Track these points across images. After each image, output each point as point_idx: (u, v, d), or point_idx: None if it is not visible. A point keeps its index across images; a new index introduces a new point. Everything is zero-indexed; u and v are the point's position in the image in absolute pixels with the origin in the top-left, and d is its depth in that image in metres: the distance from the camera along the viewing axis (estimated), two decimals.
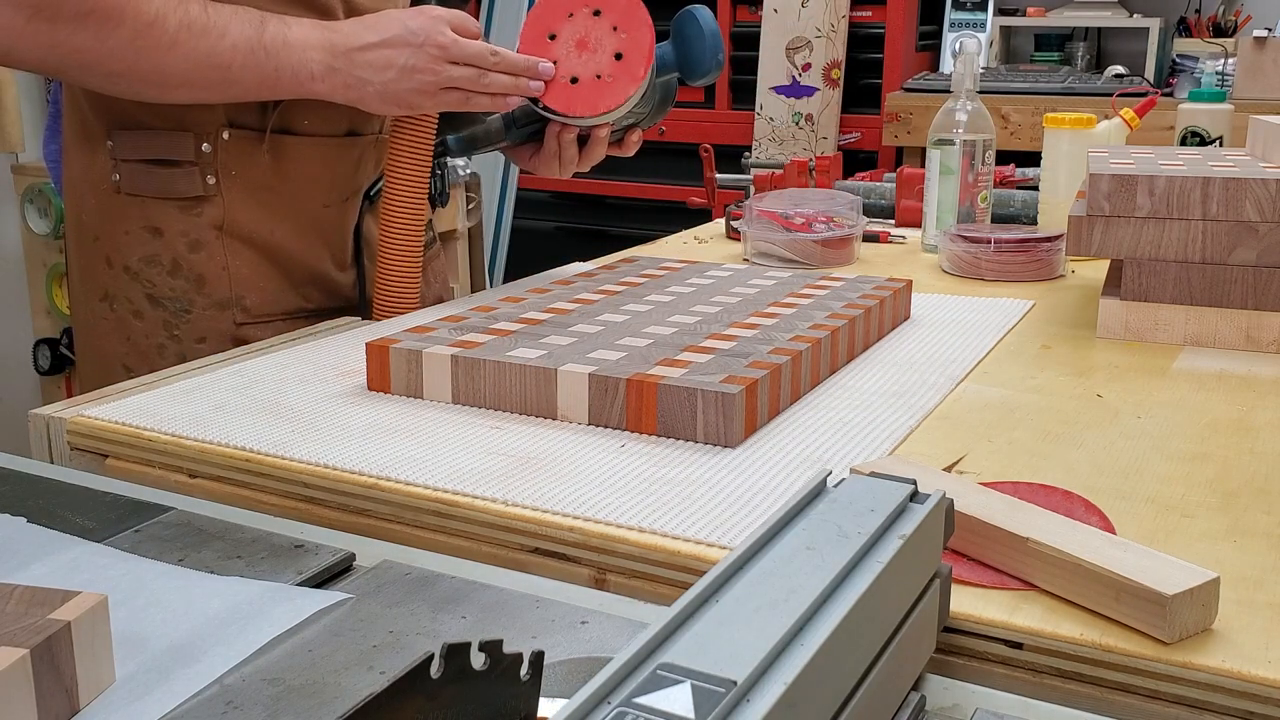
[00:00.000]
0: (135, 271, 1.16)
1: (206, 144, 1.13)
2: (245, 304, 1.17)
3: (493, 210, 3.91)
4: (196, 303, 1.16)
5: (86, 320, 1.21)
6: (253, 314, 1.18)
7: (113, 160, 1.15)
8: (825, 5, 3.37)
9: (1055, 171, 1.58)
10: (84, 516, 0.71)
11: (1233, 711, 0.54)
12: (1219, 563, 0.63)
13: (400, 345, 0.92)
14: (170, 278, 1.15)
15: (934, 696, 0.54)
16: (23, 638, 0.47)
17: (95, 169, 1.16)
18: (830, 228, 1.47)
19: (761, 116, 3.50)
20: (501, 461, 0.79)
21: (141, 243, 1.15)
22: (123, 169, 1.15)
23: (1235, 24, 3.30)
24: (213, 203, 1.14)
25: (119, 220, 1.16)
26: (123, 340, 1.17)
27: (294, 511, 0.78)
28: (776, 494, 0.73)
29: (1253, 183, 1.04)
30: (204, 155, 1.13)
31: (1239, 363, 1.04)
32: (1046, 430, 0.86)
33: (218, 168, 1.14)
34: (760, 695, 0.37)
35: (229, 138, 1.13)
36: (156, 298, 1.16)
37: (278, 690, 0.52)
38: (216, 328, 1.16)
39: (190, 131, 1.13)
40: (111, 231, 1.16)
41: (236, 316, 1.17)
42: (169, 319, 1.16)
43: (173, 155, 1.13)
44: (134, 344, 1.17)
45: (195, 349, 1.16)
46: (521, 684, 0.42)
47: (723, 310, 1.05)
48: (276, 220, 1.18)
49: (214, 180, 1.14)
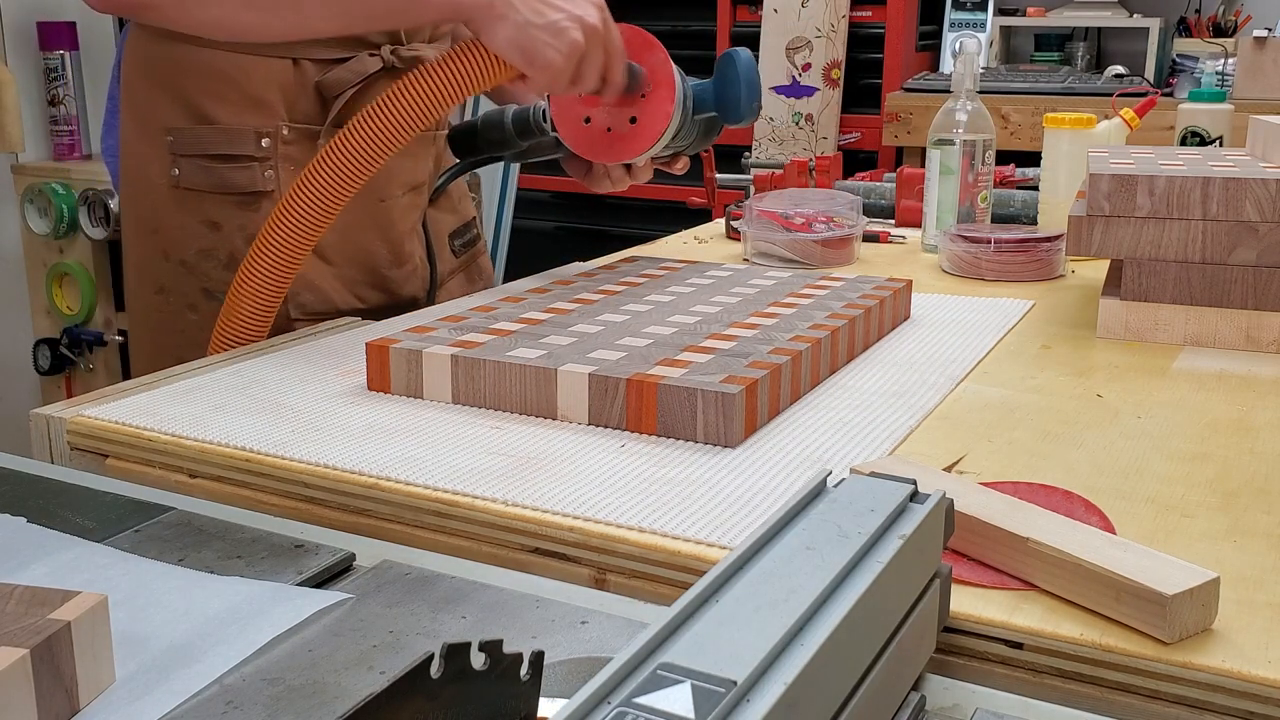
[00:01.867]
0: (191, 265, 1.16)
1: (266, 140, 1.13)
2: (299, 300, 1.17)
3: (493, 210, 3.91)
4: None
5: (141, 313, 1.21)
6: (306, 310, 1.17)
7: (172, 155, 1.15)
8: (825, 5, 3.37)
9: (1055, 171, 1.58)
10: (84, 516, 0.71)
11: (1233, 711, 0.54)
12: (1219, 563, 0.63)
13: (400, 345, 0.92)
14: (226, 272, 1.14)
15: (934, 696, 0.54)
16: (23, 638, 0.47)
17: (154, 164, 1.16)
18: (830, 228, 1.47)
19: (761, 116, 3.50)
20: (501, 461, 0.79)
21: (198, 237, 1.15)
22: (182, 164, 1.15)
23: (1235, 24, 3.30)
24: (271, 198, 1.14)
25: (177, 214, 1.16)
26: (177, 334, 1.17)
27: (294, 511, 0.78)
28: (776, 494, 0.73)
29: (1253, 183, 1.04)
30: (263, 151, 1.13)
31: (1239, 363, 1.04)
32: (1046, 430, 0.86)
33: (277, 163, 1.14)
34: (760, 695, 0.37)
35: (288, 134, 1.14)
36: (212, 291, 1.16)
37: (278, 690, 0.52)
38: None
39: (250, 127, 1.12)
40: (169, 225, 1.16)
41: (290, 313, 1.16)
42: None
43: (233, 150, 1.13)
44: (188, 336, 1.17)
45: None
46: (521, 684, 0.42)
47: (723, 310, 1.05)
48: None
49: (272, 175, 1.14)
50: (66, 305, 2.81)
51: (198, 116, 1.14)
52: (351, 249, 1.19)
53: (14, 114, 2.77)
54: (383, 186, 1.19)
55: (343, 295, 1.20)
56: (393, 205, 1.21)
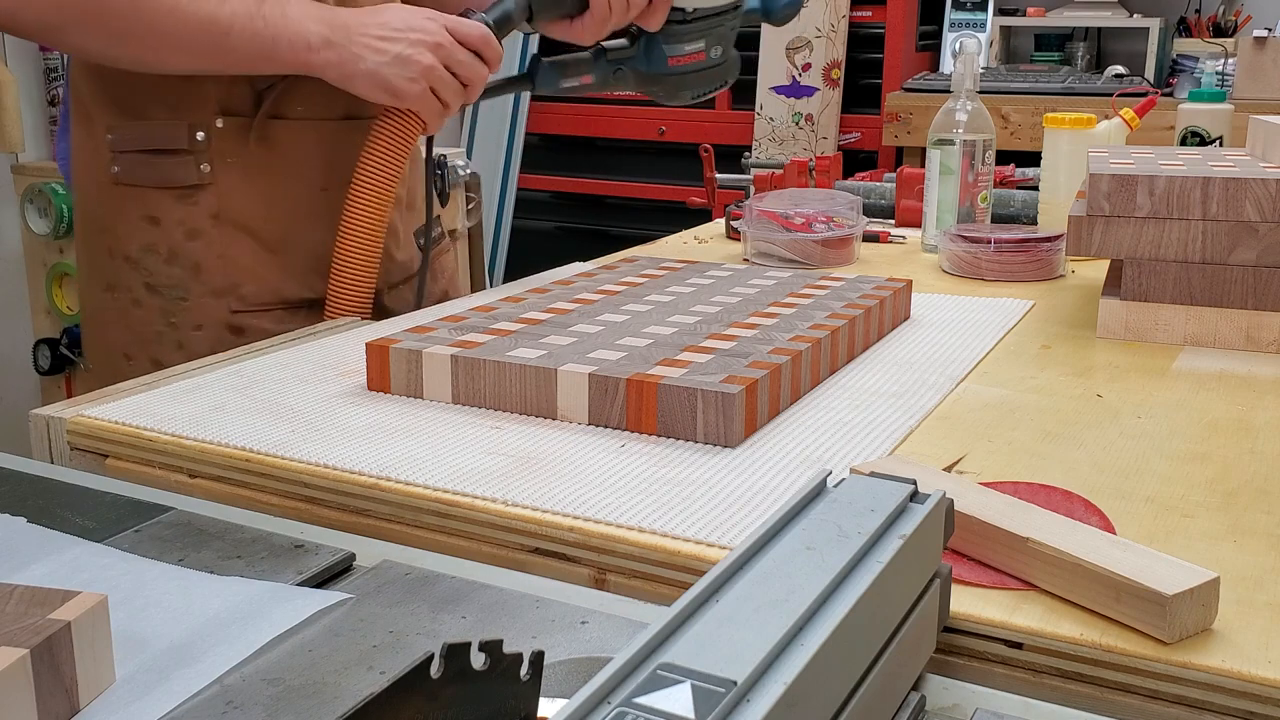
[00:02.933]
0: (135, 261, 1.17)
1: (201, 132, 1.14)
2: (242, 292, 1.18)
3: (493, 210, 3.91)
4: (193, 290, 1.16)
5: (92, 311, 1.22)
6: (250, 302, 1.18)
7: (112, 152, 1.16)
8: (825, 5, 3.37)
9: (1055, 171, 1.58)
10: (84, 516, 0.71)
11: (1233, 711, 0.54)
12: (1219, 563, 0.63)
13: (400, 345, 0.92)
14: (167, 266, 1.16)
15: (934, 696, 0.54)
16: (23, 638, 0.47)
17: (97, 162, 1.17)
18: (830, 228, 1.47)
19: (761, 116, 3.50)
20: (501, 461, 0.79)
21: (140, 232, 1.16)
22: (121, 160, 1.16)
23: (1235, 24, 3.30)
24: (208, 191, 1.15)
25: (119, 211, 1.17)
26: (124, 329, 1.19)
27: (294, 511, 0.78)
28: (776, 494, 0.73)
29: (1253, 183, 1.04)
30: (198, 144, 1.14)
31: (1239, 363, 1.04)
32: (1046, 430, 0.86)
33: (212, 156, 1.15)
34: (760, 695, 0.37)
35: (223, 125, 1.14)
36: (154, 286, 1.17)
37: (278, 690, 0.52)
38: (213, 315, 1.17)
39: (184, 120, 1.13)
40: (113, 223, 1.17)
41: (232, 304, 1.17)
42: (166, 306, 1.17)
43: (168, 145, 1.14)
44: (134, 332, 1.19)
45: (191, 336, 1.17)
46: (521, 684, 0.42)
47: (723, 310, 1.05)
48: (273, 207, 1.18)
49: (209, 169, 1.15)
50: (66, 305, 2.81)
51: (134, 113, 1.15)
52: (297, 239, 1.19)
53: (14, 114, 2.77)
54: (324, 176, 1.20)
55: (290, 286, 1.20)
56: (334, 195, 1.21)
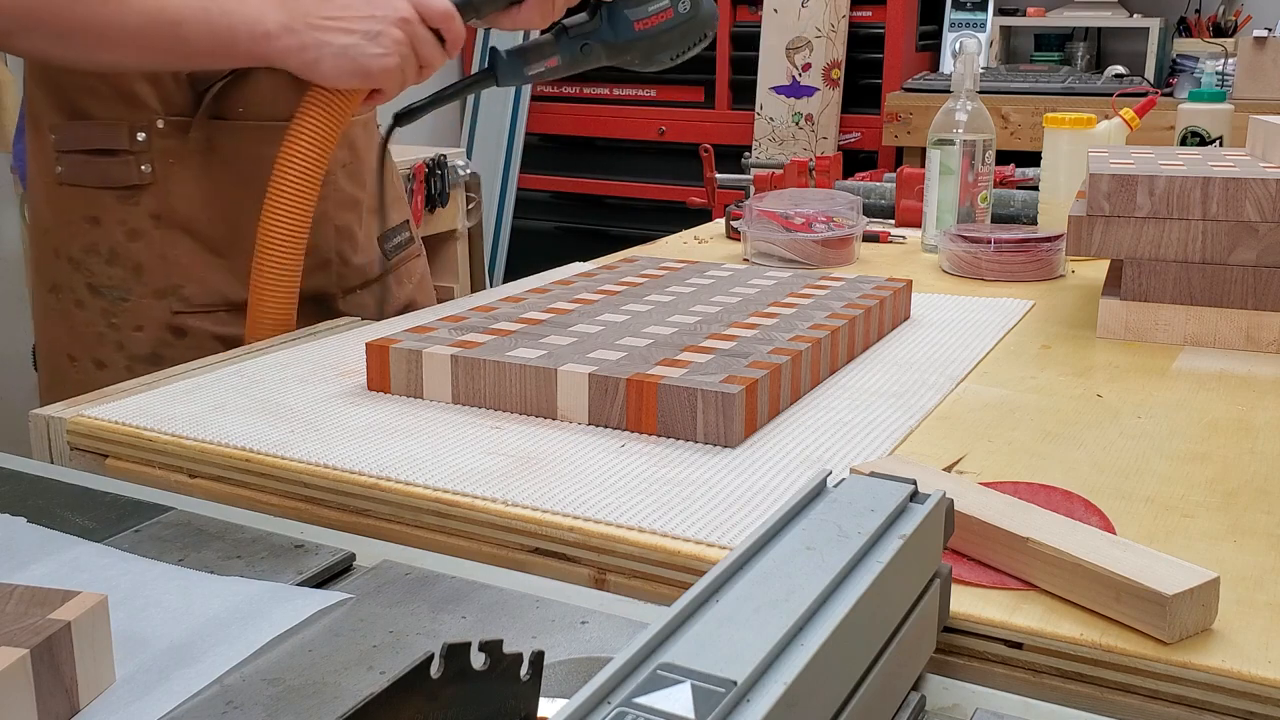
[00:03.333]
0: (77, 261, 1.16)
1: (142, 133, 1.13)
2: (184, 293, 1.16)
3: (493, 210, 3.91)
4: (134, 291, 1.16)
5: (39, 311, 1.23)
6: (192, 304, 1.17)
7: (56, 152, 1.15)
8: (825, 5, 3.37)
9: (1055, 171, 1.58)
10: (84, 516, 0.71)
11: (1233, 711, 0.54)
12: (1219, 563, 0.63)
13: (400, 345, 0.92)
14: (108, 266, 1.15)
15: (934, 696, 0.54)
16: (23, 638, 0.47)
17: (43, 162, 1.17)
18: (830, 228, 1.47)
19: (761, 116, 3.50)
20: (501, 461, 0.79)
21: (82, 233, 1.16)
22: (64, 160, 1.15)
23: (1235, 24, 3.30)
24: (150, 192, 1.14)
25: (63, 211, 1.16)
26: (67, 329, 1.18)
27: (294, 511, 0.78)
28: (776, 494, 0.73)
29: (1253, 183, 1.04)
30: (139, 144, 1.13)
31: (1239, 363, 1.04)
32: (1046, 430, 0.86)
33: (153, 157, 1.14)
34: (760, 695, 0.37)
35: (163, 126, 1.13)
36: (96, 286, 1.16)
37: (278, 690, 0.52)
38: (154, 316, 1.16)
39: (125, 121, 1.13)
40: (57, 223, 1.17)
41: (174, 305, 1.16)
42: (107, 307, 1.16)
43: (109, 145, 1.13)
44: (76, 332, 1.18)
45: (132, 337, 1.16)
46: (521, 684, 0.42)
47: (723, 310, 1.05)
48: (216, 208, 1.16)
49: (150, 169, 1.14)
50: None
51: (76, 113, 1.14)
52: (239, 241, 1.16)
53: (14, 114, 2.77)
54: (266, 178, 1.15)
55: (234, 287, 1.17)
56: None
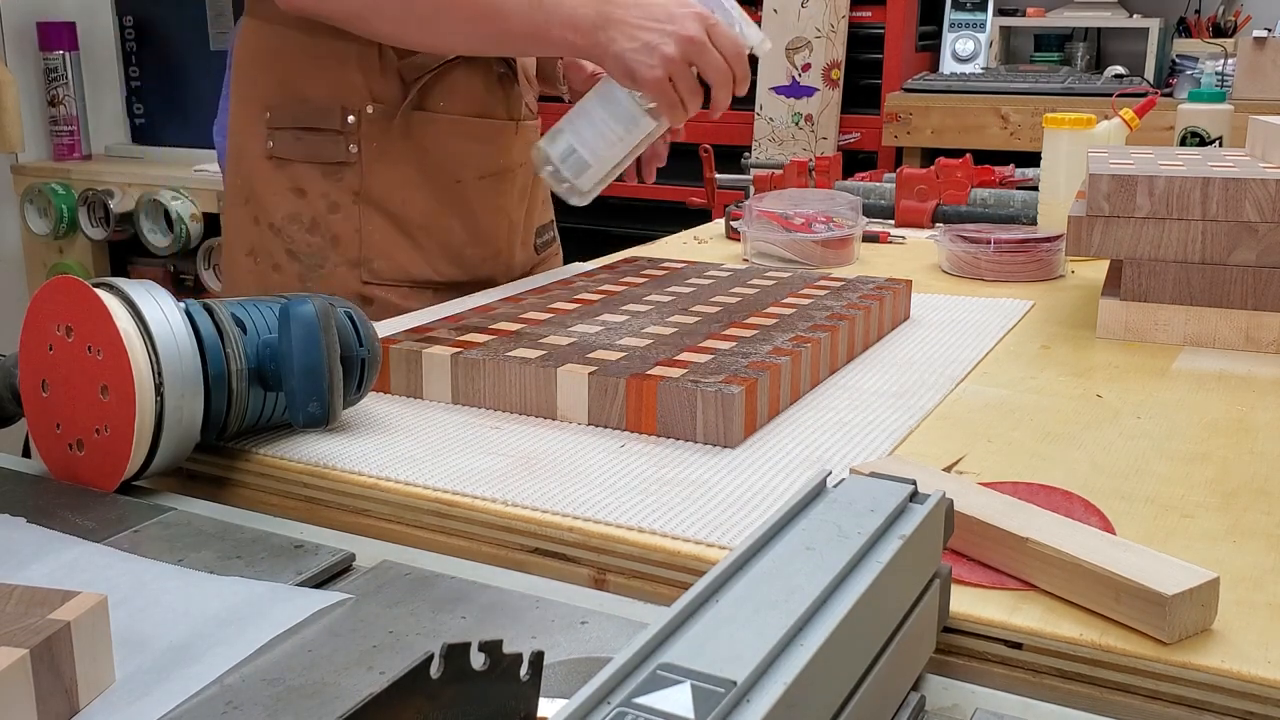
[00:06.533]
0: (279, 228, 1.26)
1: (352, 116, 1.23)
2: (374, 266, 1.26)
3: None
4: (330, 259, 1.25)
5: (233, 276, 1.32)
6: (380, 276, 1.26)
7: (269, 129, 1.26)
8: (825, 5, 3.37)
9: (1055, 172, 1.58)
10: (84, 516, 0.71)
11: (1232, 711, 0.54)
12: (1219, 563, 0.63)
13: (400, 345, 0.92)
14: (309, 235, 1.25)
15: (934, 696, 0.54)
16: (23, 638, 0.47)
17: (253, 138, 1.27)
18: (830, 228, 1.47)
19: (761, 117, 3.50)
20: (501, 461, 0.79)
21: (287, 202, 1.25)
22: (276, 136, 1.25)
23: (1235, 24, 3.30)
24: (352, 170, 1.24)
25: (269, 182, 1.26)
26: (262, 291, 1.25)
27: (294, 511, 0.78)
28: (776, 494, 0.73)
29: (1252, 183, 1.04)
30: (348, 126, 1.23)
31: (1239, 363, 1.04)
32: (1046, 430, 0.86)
33: (360, 138, 1.24)
34: (760, 695, 0.37)
35: (372, 112, 1.23)
36: (295, 252, 1.26)
37: (278, 690, 0.52)
38: (345, 284, 1.25)
39: (339, 103, 1.23)
40: (261, 192, 1.27)
41: (364, 276, 1.26)
42: (304, 272, 1.25)
43: (321, 124, 1.24)
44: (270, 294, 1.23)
45: None
46: (521, 684, 0.42)
47: (723, 310, 1.05)
48: (409, 192, 1.26)
49: (355, 149, 1.24)
50: None
51: (293, 94, 1.25)
52: (431, 226, 1.27)
53: (14, 114, 2.77)
54: (457, 169, 1.28)
55: (417, 266, 1.28)
56: (468, 187, 1.29)
